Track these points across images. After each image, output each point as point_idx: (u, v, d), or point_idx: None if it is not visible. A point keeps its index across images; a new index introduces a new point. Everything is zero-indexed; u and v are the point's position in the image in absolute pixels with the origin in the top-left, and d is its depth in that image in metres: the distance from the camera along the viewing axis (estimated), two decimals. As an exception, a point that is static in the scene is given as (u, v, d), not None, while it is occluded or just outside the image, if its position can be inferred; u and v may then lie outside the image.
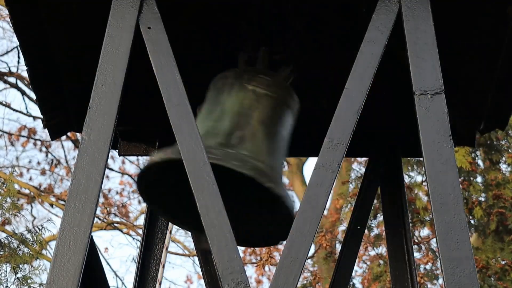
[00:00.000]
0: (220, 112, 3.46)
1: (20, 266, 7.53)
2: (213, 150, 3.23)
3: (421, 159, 2.86)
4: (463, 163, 9.09)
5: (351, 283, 10.52)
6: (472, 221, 9.84)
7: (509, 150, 10.08)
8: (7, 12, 5.19)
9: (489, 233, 9.62)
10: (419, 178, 10.09)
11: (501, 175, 9.86)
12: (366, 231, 9.36)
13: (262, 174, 3.25)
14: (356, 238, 4.13)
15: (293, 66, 3.69)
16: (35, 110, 13.16)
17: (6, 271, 7.56)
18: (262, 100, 3.50)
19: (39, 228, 7.93)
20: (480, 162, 10.23)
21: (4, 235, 8.29)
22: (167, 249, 3.74)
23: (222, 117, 3.44)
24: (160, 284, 3.70)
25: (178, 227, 4.00)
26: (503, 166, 10.08)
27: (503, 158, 10.01)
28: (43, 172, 13.79)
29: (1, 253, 7.62)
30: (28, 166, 14.01)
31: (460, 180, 9.51)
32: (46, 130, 3.92)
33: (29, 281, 7.47)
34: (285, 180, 16.69)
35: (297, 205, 3.13)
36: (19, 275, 7.49)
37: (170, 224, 3.89)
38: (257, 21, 3.56)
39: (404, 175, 9.95)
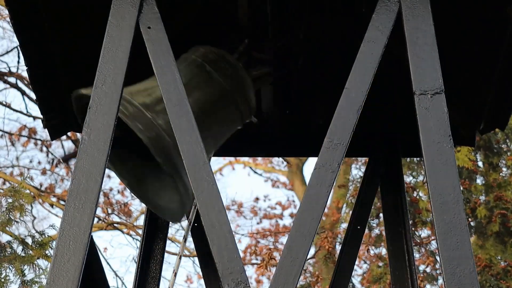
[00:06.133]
0: None
1: (24, 268, 7.52)
2: (129, 106, 3.15)
3: (420, 159, 2.86)
4: (465, 162, 9.06)
5: (351, 283, 10.51)
6: (472, 223, 9.83)
7: (508, 153, 10.07)
8: (7, 12, 5.19)
9: (490, 234, 9.61)
10: (421, 179, 10.08)
11: (501, 177, 9.86)
12: (366, 231, 9.36)
13: (160, 147, 3.11)
14: (356, 238, 4.13)
15: (272, 70, 3.66)
16: (35, 110, 13.14)
17: (7, 273, 7.54)
18: (212, 85, 3.43)
19: (40, 234, 7.93)
20: (480, 164, 10.23)
21: (6, 237, 8.28)
22: (180, 258, 3.68)
23: None
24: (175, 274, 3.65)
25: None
26: (503, 169, 10.08)
27: (503, 161, 10.01)
28: (43, 172, 13.79)
29: (2, 255, 7.61)
30: (29, 166, 14.01)
31: (461, 180, 9.53)
32: (46, 130, 3.92)
33: (35, 286, 7.46)
34: (285, 180, 16.71)
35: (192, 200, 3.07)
36: (26, 277, 7.48)
37: (185, 232, 3.84)
38: (253, 18, 3.56)
39: (406, 175, 9.96)
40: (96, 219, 8.61)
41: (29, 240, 7.83)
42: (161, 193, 3.49)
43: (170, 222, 4.09)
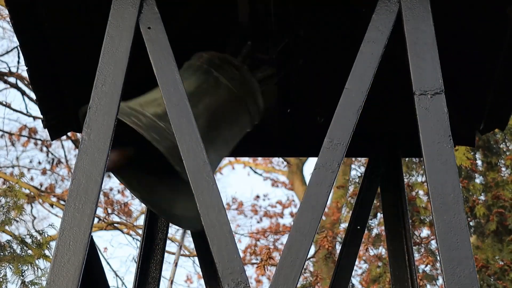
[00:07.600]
0: None
1: (23, 268, 7.51)
2: (142, 117, 3.18)
3: (421, 159, 2.86)
4: (463, 161, 9.07)
5: (351, 283, 10.52)
6: (471, 223, 9.83)
7: (507, 153, 10.08)
8: (7, 12, 5.19)
9: (488, 233, 9.61)
10: (419, 179, 10.08)
11: (500, 176, 9.86)
12: (366, 231, 9.37)
13: (178, 156, 3.04)
14: (356, 238, 4.13)
15: (277, 70, 3.67)
16: (35, 110, 13.15)
17: (6, 273, 7.54)
18: (221, 91, 3.45)
19: (40, 233, 7.93)
20: (479, 163, 10.23)
21: (5, 237, 8.28)
22: (176, 265, 3.70)
23: None
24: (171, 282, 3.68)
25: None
26: (502, 169, 10.08)
27: (502, 161, 10.01)
28: (43, 172, 13.79)
29: (1, 255, 7.60)
30: (29, 166, 14.02)
31: (460, 179, 9.52)
32: (46, 130, 3.92)
33: (35, 287, 7.45)
34: (285, 180, 16.71)
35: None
36: (25, 277, 7.47)
37: (180, 240, 3.88)
38: (255, 19, 3.56)
39: (404, 174, 9.94)
40: (96, 219, 8.61)
41: (28, 240, 7.83)
42: (177, 202, 3.50)
43: (170, 223, 4.09)
